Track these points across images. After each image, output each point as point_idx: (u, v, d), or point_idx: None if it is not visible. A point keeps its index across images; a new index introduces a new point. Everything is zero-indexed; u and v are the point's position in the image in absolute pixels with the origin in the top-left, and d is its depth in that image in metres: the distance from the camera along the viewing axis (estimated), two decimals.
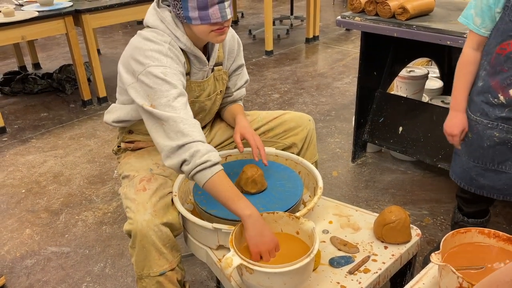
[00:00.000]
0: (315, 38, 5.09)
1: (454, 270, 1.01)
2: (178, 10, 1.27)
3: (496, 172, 1.46)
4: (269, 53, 4.66)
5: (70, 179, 2.61)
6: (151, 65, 1.24)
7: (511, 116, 1.36)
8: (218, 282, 1.70)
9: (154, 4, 1.36)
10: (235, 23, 5.96)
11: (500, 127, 1.40)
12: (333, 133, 2.99)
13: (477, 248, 1.16)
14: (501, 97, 1.36)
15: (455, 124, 1.50)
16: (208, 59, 1.44)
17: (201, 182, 1.22)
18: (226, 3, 1.26)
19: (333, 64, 4.35)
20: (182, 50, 1.34)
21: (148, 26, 1.35)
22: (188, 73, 1.40)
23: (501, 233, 1.14)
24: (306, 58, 4.61)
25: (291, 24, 5.77)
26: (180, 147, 1.20)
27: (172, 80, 1.24)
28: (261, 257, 1.16)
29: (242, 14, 6.48)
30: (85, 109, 3.56)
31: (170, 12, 1.34)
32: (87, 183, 2.56)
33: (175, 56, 1.30)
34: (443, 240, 1.11)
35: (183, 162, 1.21)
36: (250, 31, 5.45)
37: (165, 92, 1.23)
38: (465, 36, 1.77)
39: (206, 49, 1.45)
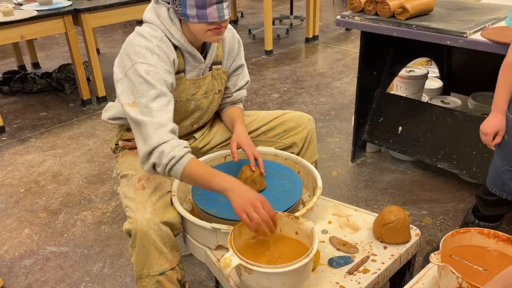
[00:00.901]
0: (315, 37, 5.09)
1: (454, 271, 1.01)
2: (177, 7, 1.28)
3: None
4: (268, 52, 4.66)
5: (69, 178, 2.60)
6: (137, 62, 1.27)
7: None
8: (217, 282, 1.69)
9: (153, 0, 1.37)
10: (234, 22, 5.96)
11: None
12: (332, 132, 2.98)
13: (477, 249, 1.16)
14: None
15: (491, 123, 1.49)
16: (205, 57, 1.44)
17: (178, 177, 1.26)
18: (225, 4, 1.26)
19: (333, 63, 4.34)
20: (176, 47, 1.35)
21: (146, 22, 1.37)
22: (183, 71, 1.41)
23: (500, 233, 1.14)
24: (305, 57, 4.60)
25: (291, 24, 5.77)
26: (149, 152, 1.25)
27: (153, 80, 1.26)
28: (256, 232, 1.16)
29: (242, 13, 6.47)
30: (84, 108, 3.55)
31: (168, 9, 1.35)
32: (86, 182, 2.56)
33: (163, 53, 1.30)
34: (442, 240, 1.11)
35: (154, 165, 1.26)
36: (249, 30, 5.45)
37: (145, 92, 1.25)
38: (465, 35, 1.77)
39: (204, 47, 1.45)
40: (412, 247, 1.32)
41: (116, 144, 1.58)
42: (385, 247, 1.30)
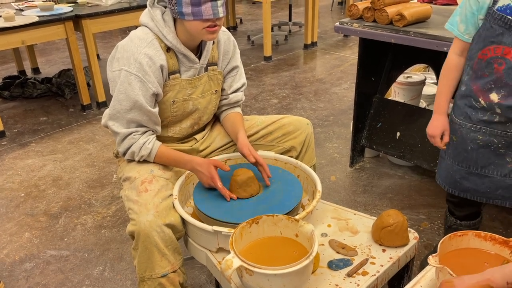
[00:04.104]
0: (313, 44, 5.13)
1: (452, 272, 1.03)
2: (173, 6, 1.32)
3: (479, 176, 1.49)
4: (267, 58, 4.69)
5: (69, 183, 2.62)
6: (122, 69, 1.37)
7: (493, 119, 1.40)
8: (217, 285, 1.71)
9: (148, 3, 1.42)
10: (234, 28, 6.00)
11: (483, 130, 1.43)
12: (331, 138, 3.01)
13: (474, 252, 1.18)
14: (482, 101, 1.41)
15: (436, 126, 1.54)
16: (200, 58, 1.47)
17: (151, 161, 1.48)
18: (219, 2, 1.30)
19: (331, 70, 4.38)
20: (169, 48, 1.40)
21: (141, 25, 1.43)
22: (178, 71, 1.44)
23: (497, 236, 1.16)
24: (304, 64, 4.64)
25: (290, 30, 5.81)
26: (123, 154, 1.48)
27: (131, 92, 1.36)
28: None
29: (241, 20, 6.52)
30: (84, 113, 3.57)
31: (163, 12, 1.40)
32: (86, 187, 2.57)
33: (148, 59, 1.36)
34: (440, 242, 1.13)
35: (133, 155, 1.47)
36: (248, 37, 5.49)
37: (122, 101, 1.38)
38: None
39: (199, 48, 1.48)
40: (410, 250, 1.34)
41: None
42: (383, 250, 1.32)
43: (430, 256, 1.09)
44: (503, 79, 1.35)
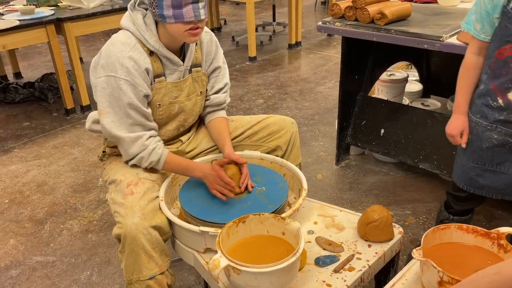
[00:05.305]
0: (298, 44, 5.15)
1: (435, 265, 1.05)
2: (154, 9, 1.32)
3: (495, 172, 1.48)
4: (252, 59, 4.70)
5: (54, 188, 2.59)
6: (110, 76, 1.34)
7: (510, 119, 1.39)
8: (206, 286, 1.71)
9: (129, 6, 1.41)
10: (218, 29, 5.99)
11: (499, 130, 1.42)
12: (317, 136, 3.03)
13: (457, 245, 1.20)
14: (500, 101, 1.40)
15: (455, 125, 1.54)
16: (184, 60, 1.47)
17: (159, 169, 1.48)
18: (201, 4, 1.30)
19: (316, 69, 4.41)
20: (152, 52, 1.39)
21: (122, 28, 1.42)
22: (163, 74, 1.44)
23: (479, 228, 1.18)
24: (289, 63, 4.66)
25: (274, 31, 5.83)
26: (130, 159, 1.45)
27: (124, 96, 1.35)
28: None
29: (225, 21, 6.52)
30: (68, 117, 3.53)
31: (144, 15, 1.39)
32: (72, 191, 2.54)
33: (133, 62, 1.35)
34: (424, 236, 1.15)
35: (141, 161, 1.45)
36: (233, 37, 5.49)
37: (117, 107, 1.37)
38: (441, 39, 1.84)
39: (182, 50, 1.48)
40: (395, 245, 1.36)
41: (103, 152, 1.59)
42: (369, 245, 1.34)
43: (414, 250, 1.11)
44: None
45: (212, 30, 6.00)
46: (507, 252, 1.13)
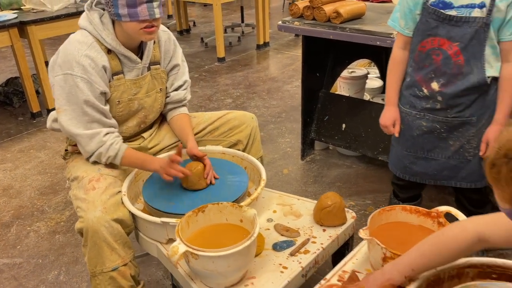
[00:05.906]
0: (266, 44, 5.24)
1: (379, 242, 1.13)
2: (110, 8, 1.36)
3: (426, 159, 1.61)
4: (221, 60, 4.75)
5: (20, 191, 2.57)
6: (67, 73, 1.38)
7: (435, 106, 1.53)
8: (173, 280, 1.75)
9: (86, 6, 1.45)
10: (187, 31, 6.01)
11: (427, 117, 1.56)
12: (283, 133, 3.11)
13: (401, 225, 1.29)
14: (425, 90, 1.53)
15: (387, 117, 1.66)
16: (142, 58, 1.51)
17: (117, 164, 1.50)
18: (155, 3, 1.35)
19: (283, 68, 4.50)
20: (110, 50, 1.43)
21: (80, 28, 1.45)
22: (121, 72, 1.48)
23: (420, 208, 1.28)
24: (257, 63, 4.74)
25: (243, 32, 5.90)
26: (89, 156, 1.48)
27: (81, 93, 1.38)
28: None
29: (194, 23, 6.54)
30: (34, 121, 3.49)
31: (101, 15, 1.43)
32: (39, 194, 2.53)
33: (90, 60, 1.38)
34: (370, 217, 1.23)
35: (99, 156, 1.48)
36: (202, 39, 5.53)
37: (73, 105, 1.40)
38: (392, 36, 1.94)
39: (140, 48, 1.53)
40: (348, 229, 1.44)
41: (66, 150, 1.62)
42: (324, 230, 1.42)
43: (360, 230, 1.19)
44: (441, 68, 1.48)
45: (181, 32, 6.03)
46: None
